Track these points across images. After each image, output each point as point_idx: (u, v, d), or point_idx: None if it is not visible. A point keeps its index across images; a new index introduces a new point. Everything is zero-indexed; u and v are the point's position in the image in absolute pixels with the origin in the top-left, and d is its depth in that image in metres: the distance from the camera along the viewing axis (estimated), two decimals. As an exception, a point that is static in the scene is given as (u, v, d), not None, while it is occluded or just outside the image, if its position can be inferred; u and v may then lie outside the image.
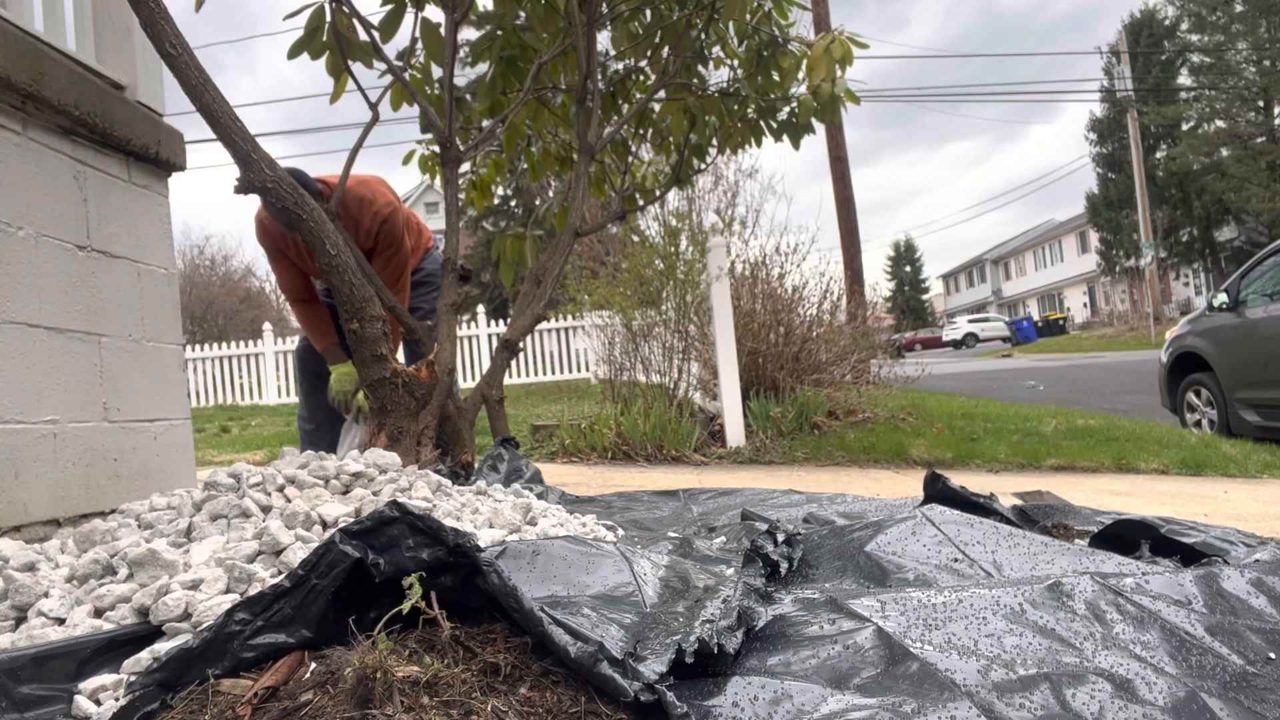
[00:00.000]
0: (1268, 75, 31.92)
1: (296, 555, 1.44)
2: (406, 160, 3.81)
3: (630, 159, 3.91)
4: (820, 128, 4.06)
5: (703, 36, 3.40)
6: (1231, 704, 1.06)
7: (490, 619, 1.23)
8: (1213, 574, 1.39)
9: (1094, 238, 41.99)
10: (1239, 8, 32.68)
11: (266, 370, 14.05)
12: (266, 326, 14.41)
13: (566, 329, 13.41)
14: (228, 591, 1.36)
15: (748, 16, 3.28)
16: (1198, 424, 6.77)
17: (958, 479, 2.19)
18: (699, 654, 1.07)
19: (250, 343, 14.38)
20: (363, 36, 2.85)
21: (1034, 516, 2.10)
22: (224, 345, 14.66)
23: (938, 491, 2.03)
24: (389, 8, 2.87)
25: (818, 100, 3.14)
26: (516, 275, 3.77)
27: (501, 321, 13.73)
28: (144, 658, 1.17)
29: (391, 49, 2.95)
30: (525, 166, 3.96)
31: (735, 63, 3.54)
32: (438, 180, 3.84)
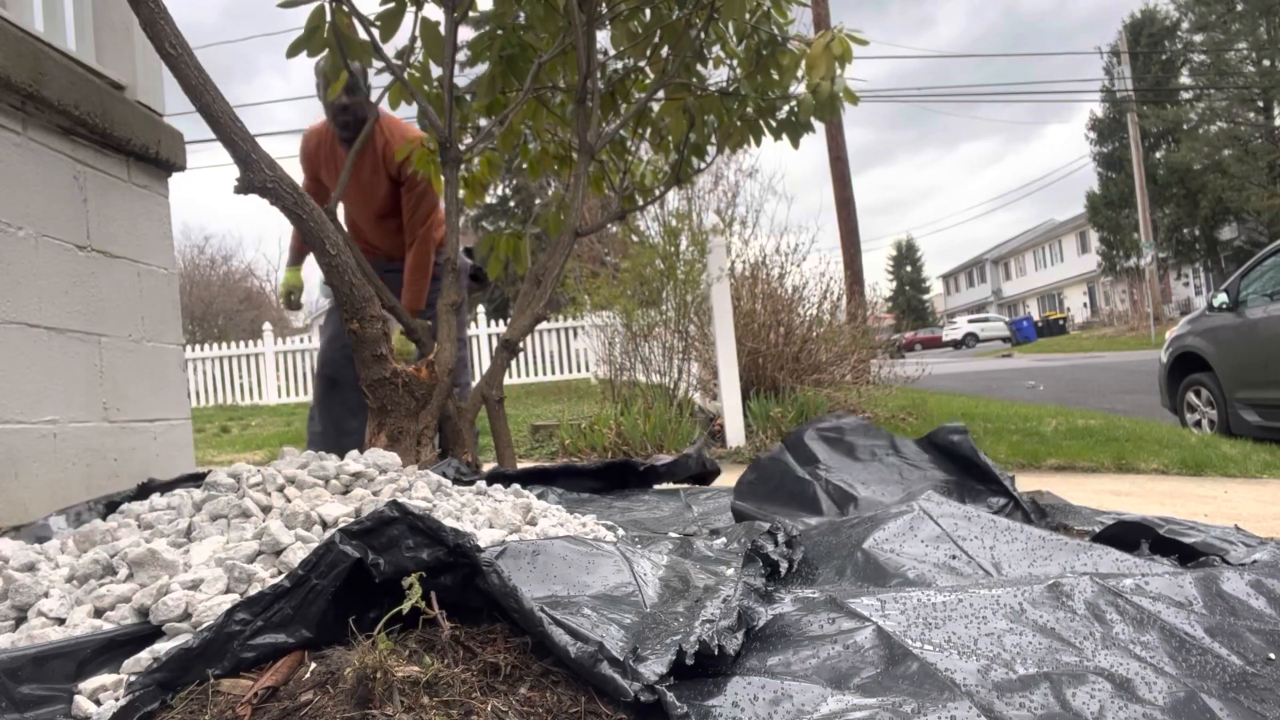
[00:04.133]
0: (1267, 75, 31.92)
1: (296, 555, 1.44)
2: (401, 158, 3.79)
3: (629, 158, 3.91)
4: (820, 128, 4.06)
5: (702, 36, 3.39)
6: (1231, 704, 1.06)
7: (490, 619, 1.23)
8: (1212, 575, 1.39)
9: (1094, 238, 41.98)
10: (1239, 7, 32.67)
11: (266, 370, 14.05)
12: (266, 327, 14.42)
13: (566, 329, 13.40)
14: (228, 591, 1.36)
15: (747, 16, 3.28)
16: (1198, 424, 6.77)
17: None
18: (699, 654, 1.07)
19: (250, 343, 14.38)
20: (362, 35, 2.85)
21: (1041, 508, 2.11)
22: (224, 345, 14.66)
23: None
24: (388, 6, 2.87)
25: (817, 98, 3.13)
26: (505, 271, 3.75)
27: (501, 321, 13.72)
28: (144, 658, 1.17)
29: (390, 48, 2.95)
30: (524, 166, 3.95)
31: (734, 62, 3.54)
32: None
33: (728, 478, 4.41)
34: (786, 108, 3.51)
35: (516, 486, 2.32)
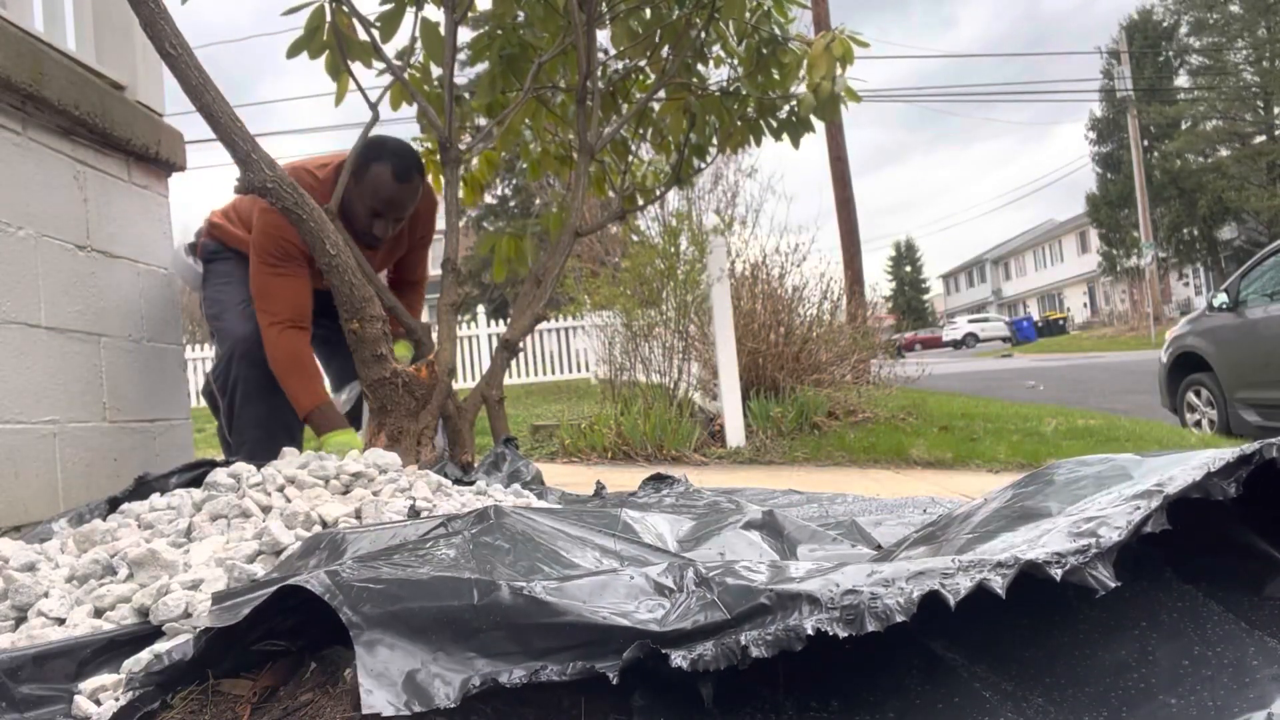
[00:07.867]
0: (1266, 75, 31.95)
1: (296, 555, 1.44)
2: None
3: (630, 158, 3.91)
4: (820, 128, 4.06)
5: (703, 35, 3.40)
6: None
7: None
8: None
9: (1094, 238, 42.01)
10: (1235, 9, 32.71)
11: (266, 370, 14.02)
12: (266, 326, 14.38)
13: (566, 329, 13.40)
14: (228, 591, 1.36)
15: (747, 15, 3.28)
16: (1198, 424, 6.77)
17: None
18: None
19: (250, 343, 14.35)
20: (362, 36, 2.85)
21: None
22: (224, 345, 14.64)
23: None
24: (388, 6, 2.87)
25: (818, 97, 3.14)
26: (509, 274, 3.75)
27: (501, 321, 13.72)
28: (144, 658, 1.17)
29: (390, 48, 2.95)
30: (525, 166, 3.95)
31: (735, 61, 3.55)
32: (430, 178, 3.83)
33: (728, 477, 4.42)
34: (787, 108, 3.51)
35: (516, 487, 2.32)
